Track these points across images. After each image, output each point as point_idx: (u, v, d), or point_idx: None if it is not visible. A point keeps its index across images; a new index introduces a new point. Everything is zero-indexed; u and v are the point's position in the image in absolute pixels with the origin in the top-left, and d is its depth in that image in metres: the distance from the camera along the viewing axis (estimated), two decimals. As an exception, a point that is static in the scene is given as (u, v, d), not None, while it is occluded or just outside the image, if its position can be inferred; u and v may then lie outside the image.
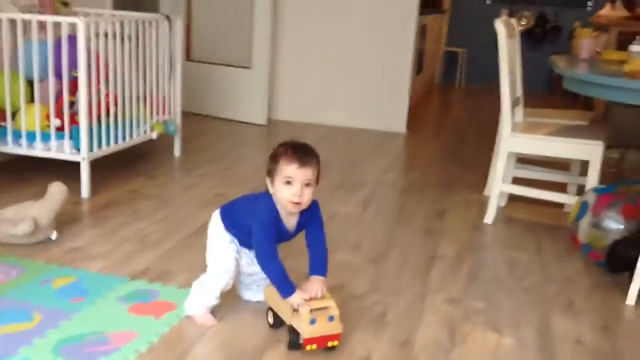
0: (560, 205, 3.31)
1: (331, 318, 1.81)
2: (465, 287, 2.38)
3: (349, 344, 1.93)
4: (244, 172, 3.77)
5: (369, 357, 1.87)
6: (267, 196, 1.92)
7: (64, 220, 2.75)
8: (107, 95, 3.22)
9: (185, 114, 4.44)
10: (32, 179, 3.30)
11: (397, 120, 5.22)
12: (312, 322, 1.78)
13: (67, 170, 3.19)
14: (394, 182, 3.77)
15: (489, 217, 3.08)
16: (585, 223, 2.71)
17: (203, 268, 2.38)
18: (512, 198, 3.39)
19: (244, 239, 1.97)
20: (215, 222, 2.03)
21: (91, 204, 3.04)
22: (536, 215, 3.25)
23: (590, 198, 2.70)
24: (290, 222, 1.93)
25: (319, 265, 1.94)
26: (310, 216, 1.95)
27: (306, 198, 1.85)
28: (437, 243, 2.80)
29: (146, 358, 1.80)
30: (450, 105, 7.32)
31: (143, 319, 1.99)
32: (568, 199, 3.06)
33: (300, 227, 1.96)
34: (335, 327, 1.83)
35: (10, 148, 3.16)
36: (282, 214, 1.90)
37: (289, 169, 1.83)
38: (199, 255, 2.49)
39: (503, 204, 3.34)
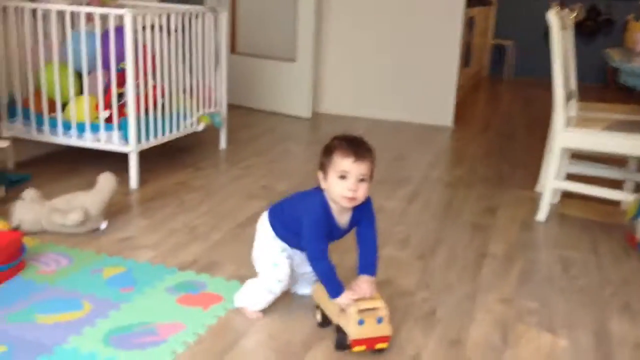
0: (616, 203, 3.19)
1: (379, 319, 1.76)
2: (517, 286, 2.31)
3: (398, 341, 1.89)
4: (290, 165, 3.75)
5: (419, 355, 1.83)
6: (318, 192, 1.86)
7: (113, 211, 2.78)
8: (154, 87, 3.24)
9: (231, 107, 4.45)
10: (82, 169, 3.35)
11: (443, 114, 5.12)
12: (361, 322, 1.74)
13: (115, 162, 3.23)
14: (440, 177, 3.70)
15: (542, 215, 2.99)
16: (643, 222, 2.61)
17: (250, 260, 2.38)
18: (566, 195, 3.28)
19: (295, 240, 1.90)
20: (264, 227, 1.97)
21: (139, 195, 3.07)
22: (591, 213, 3.14)
23: (650, 196, 2.59)
24: (342, 218, 1.87)
25: (368, 265, 1.88)
26: (363, 213, 1.89)
27: (361, 193, 1.79)
28: (486, 240, 2.73)
29: (194, 349, 1.80)
30: (499, 98, 7.16)
31: (191, 310, 1.99)
32: (625, 196, 2.94)
33: (352, 224, 1.90)
34: (384, 329, 1.77)
35: (61, 139, 3.21)
36: (334, 210, 1.85)
37: (344, 163, 1.77)
38: (246, 247, 2.48)
39: (556, 201, 3.23)
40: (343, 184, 1.77)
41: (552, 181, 2.94)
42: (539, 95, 6.85)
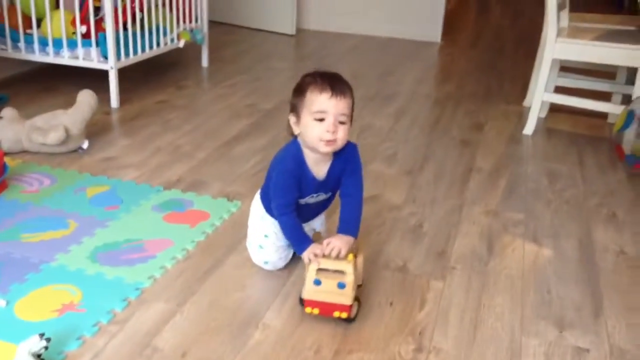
0: (603, 116, 3.18)
1: (341, 285, 1.51)
2: (503, 198, 2.32)
3: (385, 254, 1.91)
4: (274, 83, 3.67)
5: (405, 266, 1.85)
6: (292, 142, 1.65)
7: (95, 131, 2.72)
8: (132, 0, 3.11)
9: (212, 24, 4.31)
10: (60, 88, 3.26)
11: (431, 29, 5.00)
12: (316, 282, 1.53)
13: (95, 80, 3.13)
14: (428, 93, 3.65)
15: (529, 128, 2.97)
16: (630, 133, 2.60)
17: (235, 178, 2.36)
18: (553, 109, 3.25)
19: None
20: (256, 205, 1.78)
21: (121, 114, 3.01)
22: (578, 126, 3.12)
23: (637, 107, 2.57)
24: (319, 169, 1.63)
25: (348, 222, 1.65)
26: (346, 163, 1.65)
27: (341, 135, 1.55)
28: (474, 155, 2.72)
29: (183, 265, 1.80)
30: (488, 12, 6.99)
31: (178, 227, 1.99)
32: (613, 109, 2.92)
33: (333, 176, 1.66)
34: (343, 297, 1.52)
35: (38, 56, 3.10)
36: (309, 159, 1.62)
37: (320, 100, 1.52)
38: (231, 166, 2.47)
39: (543, 115, 3.21)
40: (320, 126, 1.53)
41: (541, 94, 2.90)
42: (529, 9, 6.70)
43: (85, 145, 2.53)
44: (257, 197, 1.79)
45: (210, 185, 2.30)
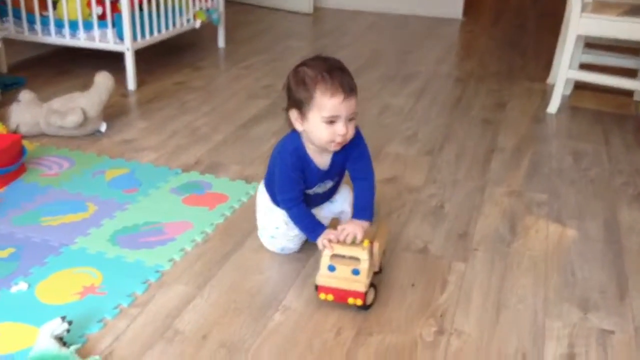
0: (629, 93, 3.11)
1: (355, 272, 1.49)
2: (527, 178, 2.28)
3: (406, 235, 1.88)
4: (292, 63, 3.59)
5: (426, 248, 1.82)
6: (291, 134, 1.60)
7: (112, 113, 2.71)
8: (148, -19, 3.09)
9: (228, 3, 4.27)
10: (77, 71, 3.26)
11: (452, 5, 4.91)
12: (331, 268, 1.51)
13: (111, 62, 3.12)
14: (449, 72, 3.58)
15: (553, 107, 2.91)
16: (658, 111, 2.53)
17: (253, 160, 2.34)
18: (578, 87, 3.19)
19: None
20: (261, 197, 1.76)
21: (138, 96, 3.00)
22: (603, 104, 3.05)
23: (666, 84, 2.50)
24: (321, 159, 1.60)
25: (362, 207, 1.61)
26: (351, 151, 1.59)
27: (350, 134, 1.51)
28: (496, 134, 2.67)
29: (202, 247, 1.79)
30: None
31: (197, 210, 1.98)
32: (639, 85, 2.85)
33: (337, 163, 1.62)
34: (358, 284, 1.49)
35: (54, 38, 3.10)
36: (311, 151, 1.58)
37: (332, 104, 1.44)
38: (249, 148, 2.45)
39: (568, 92, 3.14)
40: (331, 128, 1.47)
41: (565, 71, 2.84)
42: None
43: (103, 127, 2.52)
44: (262, 188, 1.75)
45: (229, 167, 2.29)
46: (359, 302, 1.50)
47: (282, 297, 1.58)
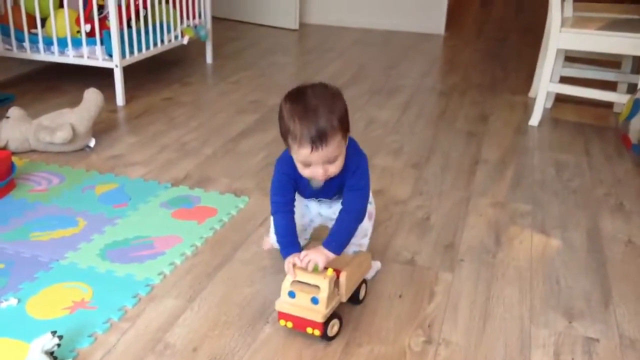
0: (609, 106, 3.17)
1: (314, 300, 1.43)
2: (510, 190, 2.32)
3: (393, 247, 1.91)
4: (279, 78, 3.68)
5: (413, 259, 1.85)
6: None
7: (101, 129, 2.73)
8: (136, -2, 3.12)
9: (215, 20, 4.31)
10: (66, 87, 3.27)
11: (435, 21, 4.99)
12: (291, 294, 1.46)
13: (100, 78, 3.14)
14: (433, 86, 3.64)
15: (535, 119, 2.97)
16: (637, 122, 2.59)
17: (242, 174, 2.37)
18: (559, 99, 3.25)
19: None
20: None
21: (127, 111, 3.01)
22: (584, 116, 3.12)
23: (645, 96, 2.56)
24: (315, 181, 1.55)
25: (333, 238, 1.50)
26: (348, 178, 1.52)
27: (332, 171, 1.46)
28: (480, 146, 2.72)
29: (192, 261, 1.81)
30: (491, 2, 6.96)
31: (187, 224, 1.99)
32: (618, 98, 2.91)
33: (332, 186, 1.56)
34: (315, 313, 1.43)
35: (43, 56, 3.11)
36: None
37: (302, 154, 1.42)
38: (238, 162, 2.48)
39: (549, 105, 3.20)
40: (307, 170, 1.46)
41: (546, 84, 2.90)
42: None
43: (92, 143, 2.54)
44: None
45: (218, 181, 2.31)
46: (317, 332, 1.45)
47: (272, 309, 1.60)
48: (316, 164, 1.43)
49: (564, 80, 3.15)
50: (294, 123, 1.39)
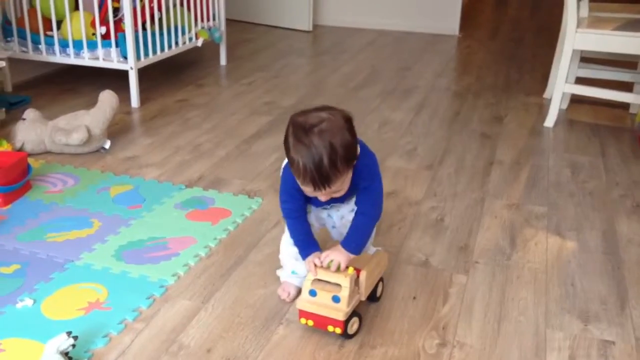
0: (625, 107, 3.14)
1: (335, 298, 1.45)
2: (525, 191, 2.30)
3: (407, 248, 1.91)
4: (293, 80, 3.68)
5: (427, 261, 1.84)
6: None
7: (116, 130, 2.75)
8: (150, 0, 3.14)
9: (229, 22, 4.32)
10: (81, 89, 3.30)
11: (449, 22, 4.97)
12: (312, 293, 1.47)
13: (115, 80, 3.17)
14: (447, 87, 3.63)
15: (550, 120, 2.94)
16: (655, 124, 2.57)
17: (256, 175, 2.37)
18: (574, 100, 3.22)
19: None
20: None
21: (142, 113, 3.03)
22: (600, 117, 3.09)
23: (662, 97, 2.53)
24: None
25: (351, 238, 1.51)
26: (359, 180, 1.48)
27: (337, 195, 1.45)
28: (495, 148, 2.70)
29: (206, 262, 1.81)
30: (506, 3, 6.93)
31: (200, 225, 2.00)
32: (635, 99, 2.89)
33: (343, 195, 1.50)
34: (337, 312, 1.45)
35: (58, 58, 3.14)
36: None
37: (304, 188, 1.42)
38: (251, 163, 2.48)
39: (565, 106, 3.18)
40: (311, 192, 1.43)
41: (562, 85, 2.87)
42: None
43: (107, 145, 2.55)
44: None
45: (231, 182, 2.32)
46: (338, 330, 1.46)
47: (285, 310, 1.60)
48: (320, 196, 1.43)
49: (579, 81, 3.12)
50: (298, 162, 1.35)
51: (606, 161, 2.58)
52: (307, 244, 1.54)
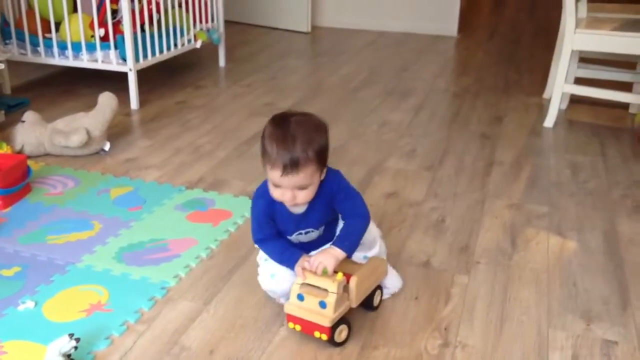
0: (625, 106, 3.14)
1: (322, 304, 1.42)
2: (526, 191, 2.30)
3: (408, 249, 1.90)
4: (290, 82, 3.68)
5: (429, 262, 1.84)
6: (266, 179, 1.52)
7: (116, 132, 2.74)
8: (149, 2, 3.13)
9: (228, 23, 4.32)
10: (80, 91, 3.29)
11: (447, 23, 4.98)
12: (299, 297, 1.45)
13: (114, 82, 3.16)
14: (446, 88, 3.63)
15: (550, 121, 2.94)
16: (654, 124, 2.57)
17: (256, 176, 2.37)
18: (574, 100, 3.22)
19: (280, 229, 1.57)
20: None
21: (141, 115, 3.03)
22: (599, 117, 3.09)
23: (661, 97, 2.54)
24: (295, 207, 1.51)
25: (342, 237, 1.49)
26: (332, 196, 1.50)
27: (302, 199, 1.44)
28: (494, 148, 2.70)
29: (207, 264, 1.81)
30: (504, 4, 6.93)
31: (201, 226, 2.00)
32: (634, 99, 2.90)
33: (316, 210, 1.52)
34: (323, 317, 1.42)
35: (57, 60, 3.14)
36: None
37: (272, 175, 1.42)
38: (252, 164, 2.48)
39: (564, 106, 3.18)
40: (277, 191, 1.44)
41: (561, 85, 2.88)
42: (546, 0, 6.63)
43: (107, 147, 2.55)
44: None
45: (231, 183, 2.31)
46: (324, 337, 1.44)
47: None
48: (286, 187, 1.42)
49: (578, 81, 3.12)
50: (271, 146, 1.40)
51: (606, 161, 2.58)
52: (292, 254, 1.51)
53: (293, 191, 1.42)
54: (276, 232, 1.55)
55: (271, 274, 1.58)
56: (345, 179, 1.55)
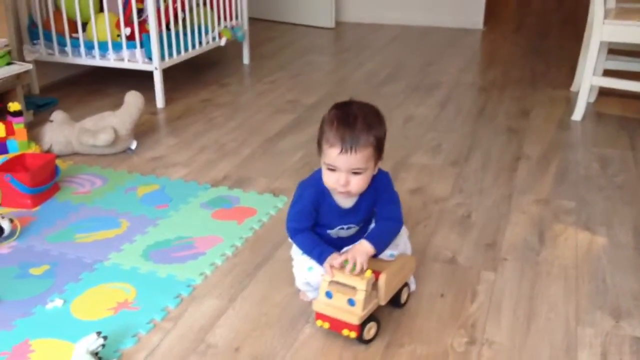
0: (656, 98, 3.07)
1: (351, 302, 1.42)
2: (554, 186, 2.27)
3: (433, 246, 1.89)
4: (315, 78, 3.67)
5: (454, 258, 1.82)
6: (319, 169, 1.53)
7: (142, 131, 2.77)
8: (174, 0, 3.16)
9: (252, 20, 4.33)
10: (107, 90, 3.33)
11: (473, 16, 4.92)
12: (328, 295, 1.45)
13: (140, 81, 3.19)
14: (472, 81, 3.59)
15: (578, 114, 2.89)
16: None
17: (280, 173, 2.38)
18: (602, 93, 3.16)
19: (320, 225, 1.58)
20: None
21: (167, 113, 3.06)
22: (629, 110, 3.03)
23: (694, 88, 2.47)
24: (344, 200, 1.53)
25: (374, 234, 1.51)
26: (378, 195, 1.53)
27: (354, 187, 1.45)
28: (521, 143, 2.67)
29: (232, 261, 1.82)
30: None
31: (226, 224, 2.01)
32: (666, 91, 2.82)
33: (362, 207, 1.54)
34: (351, 315, 1.42)
35: (84, 60, 3.18)
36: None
37: (329, 154, 1.42)
38: (276, 161, 2.49)
39: (592, 99, 3.12)
40: (332, 176, 1.44)
41: (589, 77, 2.82)
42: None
43: (134, 145, 2.58)
44: None
45: (256, 181, 2.32)
46: (353, 334, 1.43)
47: (312, 309, 1.60)
48: (341, 170, 1.42)
49: (607, 73, 3.06)
50: (332, 125, 1.42)
51: (636, 154, 2.53)
52: (322, 250, 1.51)
53: (347, 175, 1.43)
54: (312, 226, 1.55)
55: (308, 267, 1.56)
56: (393, 182, 1.58)
